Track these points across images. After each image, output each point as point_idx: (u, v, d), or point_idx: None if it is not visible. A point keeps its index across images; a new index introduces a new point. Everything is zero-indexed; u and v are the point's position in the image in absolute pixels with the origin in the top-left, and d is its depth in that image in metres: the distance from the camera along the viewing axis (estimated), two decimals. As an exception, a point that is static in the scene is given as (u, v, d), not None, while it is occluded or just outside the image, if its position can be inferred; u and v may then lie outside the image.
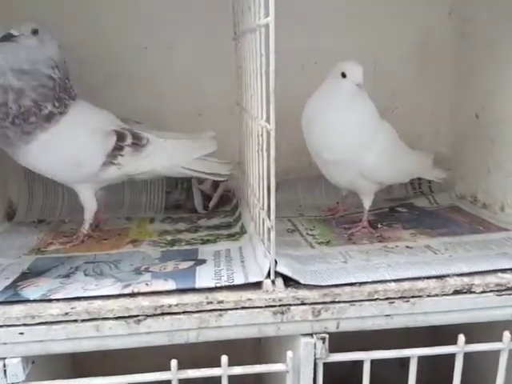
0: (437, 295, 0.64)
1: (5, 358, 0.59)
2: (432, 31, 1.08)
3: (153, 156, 0.87)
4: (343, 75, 0.80)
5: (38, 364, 0.62)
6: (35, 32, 0.80)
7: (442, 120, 1.12)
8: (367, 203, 0.90)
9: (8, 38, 0.78)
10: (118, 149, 0.85)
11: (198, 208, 1.05)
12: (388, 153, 0.85)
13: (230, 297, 0.62)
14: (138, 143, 0.86)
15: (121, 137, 0.86)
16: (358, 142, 0.82)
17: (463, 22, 1.04)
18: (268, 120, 0.62)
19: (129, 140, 0.86)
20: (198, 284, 0.65)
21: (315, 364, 0.62)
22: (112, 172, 0.87)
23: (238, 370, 0.61)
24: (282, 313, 0.62)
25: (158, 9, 1.02)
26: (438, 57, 1.09)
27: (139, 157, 0.87)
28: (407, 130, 0.93)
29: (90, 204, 0.88)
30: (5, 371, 0.58)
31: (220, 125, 1.06)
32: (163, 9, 1.02)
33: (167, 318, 0.61)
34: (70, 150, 0.83)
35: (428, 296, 0.64)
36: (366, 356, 0.61)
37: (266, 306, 0.62)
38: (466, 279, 0.66)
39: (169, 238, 0.88)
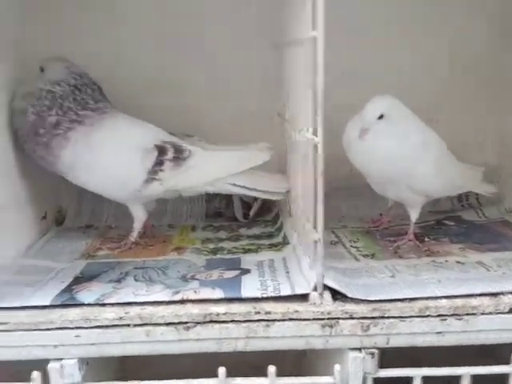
0: (491, 313, 0.62)
1: (62, 359, 0.60)
2: (474, 39, 1.06)
3: (195, 169, 0.84)
4: None
5: (92, 365, 0.64)
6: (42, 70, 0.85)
7: (488, 130, 1.10)
8: (414, 216, 0.88)
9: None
10: (158, 164, 0.83)
11: (238, 216, 1.05)
12: (439, 166, 0.83)
13: (277, 308, 0.63)
14: (179, 156, 0.84)
15: (162, 151, 0.84)
16: (407, 157, 0.81)
17: (505, 29, 1.02)
18: (315, 133, 0.62)
19: (170, 154, 0.84)
20: (244, 294, 0.66)
21: (364, 379, 0.61)
22: (155, 188, 0.85)
23: (285, 381, 0.61)
24: (331, 326, 0.62)
25: (197, 19, 1.02)
26: (483, 65, 1.07)
27: (180, 170, 0.84)
28: (452, 140, 0.91)
29: (139, 214, 0.89)
30: (62, 372, 0.60)
31: (260, 136, 1.06)
32: (203, 19, 1.02)
33: (216, 326, 0.62)
34: (112, 168, 0.83)
35: (482, 314, 0.62)
36: (417, 373, 0.60)
37: (314, 319, 0.62)
38: (520, 297, 0.64)
39: (211, 246, 0.89)
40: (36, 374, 0.58)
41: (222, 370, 0.60)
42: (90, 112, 0.84)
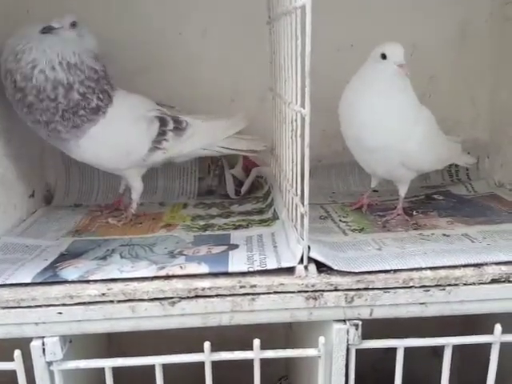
0: (474, 284, 0.62)
1: (44, 337, 0.60)
2: (473, 14, 1.05)
3: (193, 138, 0.92)
4: (383, 57, 0.78)
5: (75, 343, 0.64)
6: (74, 25, 0.82)
7: (481, 106, 1.09)
8: (403, 191, 0.88)
9: (48, 29, 0.79)
10: (162, 134, 0.89)
11: (230, 193, 1.05)
12: (430, 140, 0.83)
13: (262, 281, 0.63)
14: (178, 127, 0.91)
15: (163, 122, 0.89)
16: (400, 128, 0.80)
17: (505, 4, 1.01)
18: (303, 104, 0.61)
19: (171, 125, 0.90)
20: (231, 268, 0.66)
21: (348, 350, 0.62)
22: (158, 156, 0.91)
23: (270, 354, 0.61)
24: (315, 298, 0.62)
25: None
26: (478, 40, 1.06)
27: (181, 140, 0.91)
28: (445, 115, 0.91)
29: (137, 185, 0.92)
30: (43, 349, 0.60)
31: (253, 110, 1.06)
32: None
33: (201, 300, 0.62)
34: (120, 140, 0.86)
35: (465, 284, 0.62)
36: (400, 343, 0.61)
37: (299, 292, 0.62)
38: (504, 268, 0.64)
39: (201, 222, 0.89)
40: (17, 353, 0.58)
41: (207, 345, 0.60)
42: (111, 89, 0.86)
